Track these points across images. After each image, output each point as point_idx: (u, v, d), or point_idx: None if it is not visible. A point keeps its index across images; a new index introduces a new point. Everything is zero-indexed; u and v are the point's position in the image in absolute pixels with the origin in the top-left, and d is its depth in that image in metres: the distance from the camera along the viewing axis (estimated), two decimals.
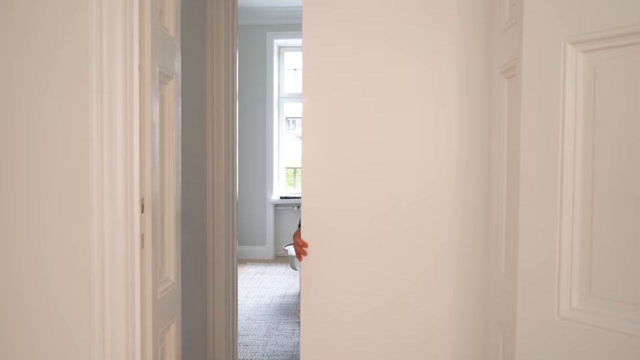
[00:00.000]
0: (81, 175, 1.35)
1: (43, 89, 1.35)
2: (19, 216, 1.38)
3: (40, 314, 1.39)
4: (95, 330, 1.36)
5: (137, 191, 1.38)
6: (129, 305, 1.38)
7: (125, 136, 1.36)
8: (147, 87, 1.41)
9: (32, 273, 1.38)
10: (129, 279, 1.38)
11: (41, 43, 1.35)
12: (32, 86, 1.36)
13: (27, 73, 1.36)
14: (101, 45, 1.33)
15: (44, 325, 1.39)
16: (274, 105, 6.15)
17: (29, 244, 1.38)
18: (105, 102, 1.34)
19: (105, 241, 1.35)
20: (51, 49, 1.35)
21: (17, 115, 1.37)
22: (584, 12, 1.06)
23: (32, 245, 1.38)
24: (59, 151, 1.36)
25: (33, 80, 1.36)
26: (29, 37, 1.35)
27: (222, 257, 2.69)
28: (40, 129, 1.36)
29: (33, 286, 1.39)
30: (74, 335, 1.38)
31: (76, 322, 1.38)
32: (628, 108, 1.02)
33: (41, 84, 1.35)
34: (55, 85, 1.35)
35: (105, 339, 1.37)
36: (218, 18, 2.61)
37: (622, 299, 1.04)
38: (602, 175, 1.06)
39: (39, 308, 1.39)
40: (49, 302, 1.38)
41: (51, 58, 1.35)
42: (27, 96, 1.36)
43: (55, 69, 1.35)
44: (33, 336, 1.39)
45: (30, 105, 1.36)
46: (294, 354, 3.34)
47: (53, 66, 1.35)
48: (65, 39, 1.34)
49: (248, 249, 6.15)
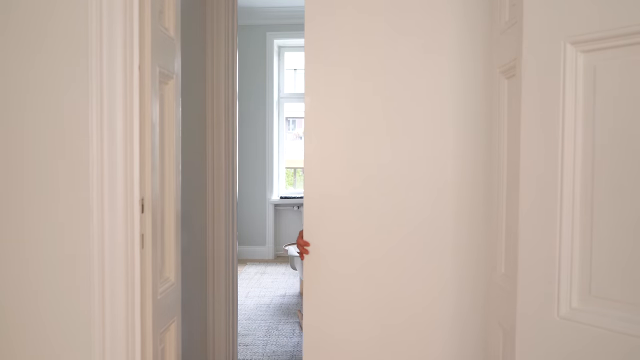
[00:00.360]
0: (81, 175, 1.35)
1: (43, 89, 1.35)
2: (19, 216, 1.38)
3: (41, 314, 1.39)
4: (95, 330, 1.36)
5: (137, 191, 1.38)
6: (129, 305, 1.38)
7: (125, 136, 1.36)
8: (147, 87, 1.41)
9: (32, 273, 1.38)
10: (129, 279, 1.38)
11: (41, 43, 1.35)
12: (32, 86, 1.36)
13: (27, 73, 1.36)
14: (101, 45, 1.33)
15: (44, 325, 1.39)
16: (274, 105, 6.15)
17: (29, 244, 1.38)
18: (105, 102, 1.34)
19: (105, 241, 1.35)
20: (51, 48, 1.35)
21: (16, 115, 1.37)
22: (583, 12, 1.06)
23: (32, 245, 1.38)
24: (58, 151, 1.36)
25: (33, 80, 1.36)
26: (29, 37, 1.35)
27: (222, 257, 2.69)
28: (40, 129, 1.36)
29: (33, 286, 1.39)
30: (74, 335, 1.38)
31: (76, 321, 1.38)
32: (628, 108, 1.02)
33: (41, 84, 1.35)
34: (55, 85, 1.35)
35: (105, 338, 1.37)
36: (218, 18, 2.61)
37: (622, 299, 1.04)
38: (602, 175, 1.06)
39: (39, 308, 1.39)
40: (49, 302, 1.38)
41: (51, 58, 1.35)
42: (26, 96, 1.36)
43: (55, 68, 1.35)
44: (33, 336, 1.39)
45: (30, 105, 1.36)
46: (294, 354, 3.34)
47: (53, 66, 1.35)
48: (65, 38, 1.34)
49: (248, 249, 6.15)
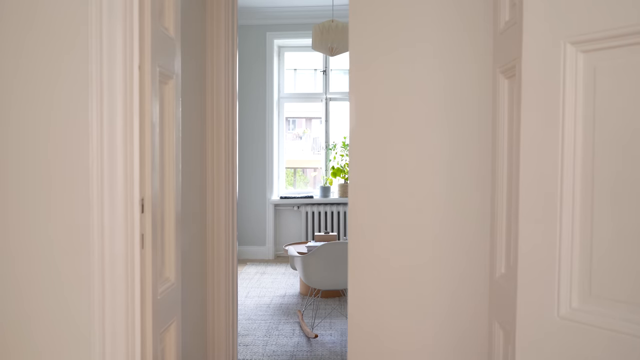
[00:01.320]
0: (81, 175, 1.35)
1: (43, 89, 1.35)
2: (18, 216, 1.38)
3: (41, 313, 1.39)
4: (95, 330, 1.36)
5: (137, 191, 1.38)
6: (129, 305, 1.38)
7: (125, 136, 1.36)
8: (147, 87, 1.41)
9: (32, 272, 1.38)
10: (129, 279, 1.38)
11: (41, 43, 1.35)
12: (31, 86, 1.36)
13: (27, 73, 1.36)
14: (101, 45, 1.33)
15: (44, 325, 1.39)
16: (274, 105, 6.15)
17: (29, 244, 1.38)
18: (105, 102, 1.34)
19: (105, 241, 1.35)
20: (51, 48, 1.35)
21: (16, 114, 1.37)
22: (583, 12, 1.06)
23: (32, 245, 1.38)
24: (58, 151, 1.36)
25: (33, 79, 1.36)
26: (29, 37, 1.35)
27: (222, 257, 2.69)
28: (40, 129, 1.36)
29: (33, 286, 1.39)
30: (74, 335, 1.38)
31: (76, 321, 1.38)
32: (628, 108, 1.02)
33: (41, 84, 1.35)
34: (55, 85, 1.35)
35: (105, 338, 1.37)
36: (218, 18, 2.61)
37: (622, 299, 1.04)
38: (602, 175, 1.06)
39: (39, 308, 1.39)
40: (49, 302, 1.38)
41: (51, 58, 1.35)
42: (26, 96, 1.36)
43: (55, 68, 1.35)
44: (33, 336, 1.39)
45: (30, 105, 1.36)
46: (294, 353, 3.34)
47: (53, 66, 1.35)
48: (65, 38, 1.34)
49: (248, 249, 6.15)
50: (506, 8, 1.36)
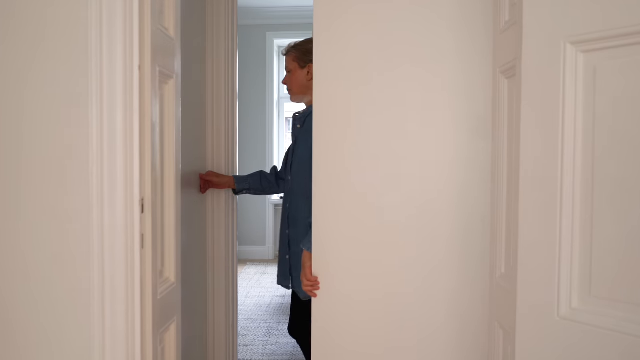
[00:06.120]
0: (81, 175, 1.35)
1: (42, 89, 1.35)
2: (18, 216, 1.38)
3: (40, 313, 1.39)
4: (95, 330, 1.36)
5: (137, 191, 1.38)
6: (129, 305, 1.38)
7: (125, 136, 1.36)
8: (147, 87, 1.41)
9: (32, 273, 1.38)
10: (129, 279, 1.38)
11: (41, 43, 1.35)
12: (31, 86, 1.36)
13: (27, 73, 1.36)
14: (101, 45, 1.33)
15: (44, 325, 1.39)
16: (274, 105, 6.15)
17: (28, 244, 1.38)
18: (105, 102, 1.34)
19: (105, 241, 1.35)
20: (51, 48, 1.35)
21: (16, 115, 1.36)
22: (583, 12, 1.06)
23: (32, 245, 1.38)
24: (58, 151, 1.36)
25: (32, 79, 1.36)
26: (30, 37, 1.35)
27: (222, 257, 2.69)
28: (40, 129, 1.36)
29: (33, 286, 1.39)
30: (74, 335, 1.38)
31: (76, 322, 1.38)
32: (628, 108, 1.02)
33: (40, 84, 1.35)
34: (55, 85, 1.35)
35: (105, 339, 1.37)
36: (218, 18, 2.61)
37: (622, 299, 1.04)
38: (602, 175, 1.06)
39: (39, 308, 1.39)
40: (48, 302, 1.38)
41: (51, 58, 1.35)
42: (25, 96, 1.36)
43: (56, 68, 1.35)
44: (33, 336, 1.39)
45: (29, 105, 1.36)
46: (294, 354, 3.34)
47: (53, 66, 1.35)
48: (65, 38, 1.34)
49: (248, 249, 6.15)
50: (506, 8, 1.36)
